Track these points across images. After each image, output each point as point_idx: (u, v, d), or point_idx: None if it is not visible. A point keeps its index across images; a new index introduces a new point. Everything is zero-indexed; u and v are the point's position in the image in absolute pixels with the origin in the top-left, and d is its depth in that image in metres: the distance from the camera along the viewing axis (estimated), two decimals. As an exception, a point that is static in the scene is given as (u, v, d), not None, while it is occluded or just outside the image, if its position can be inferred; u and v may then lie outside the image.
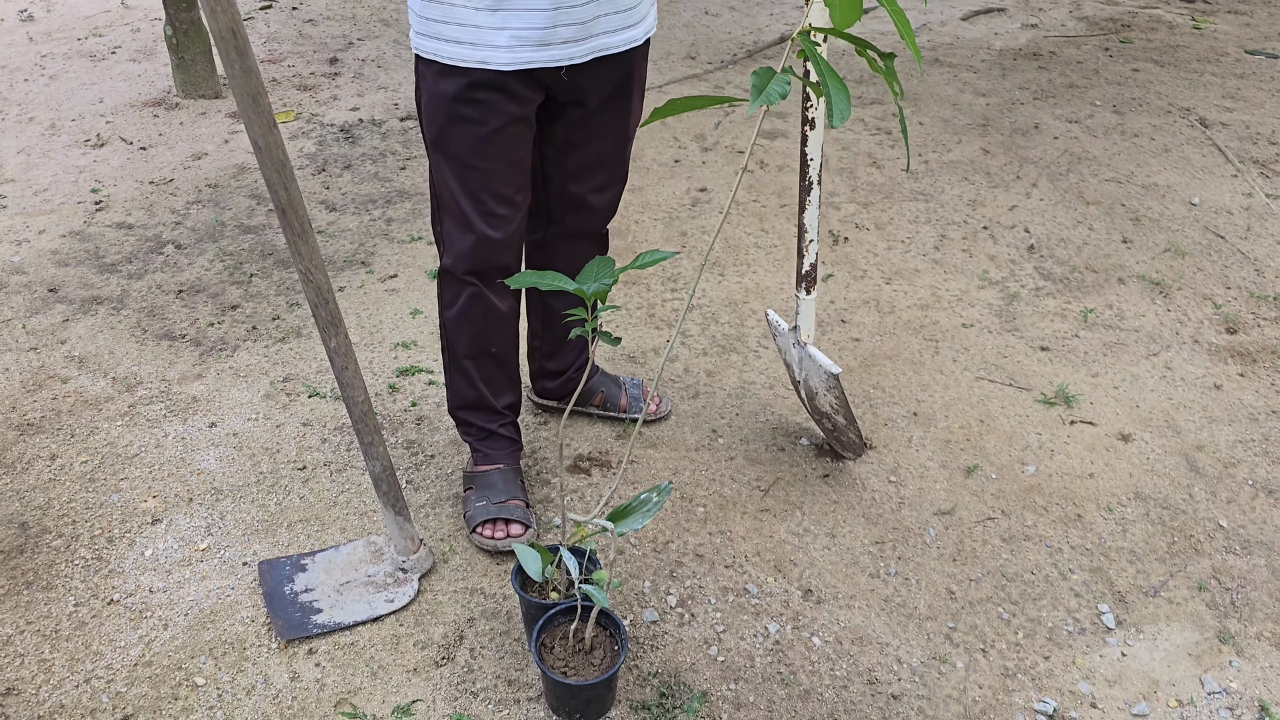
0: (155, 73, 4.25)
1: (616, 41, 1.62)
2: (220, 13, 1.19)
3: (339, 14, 4.90)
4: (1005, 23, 4.55)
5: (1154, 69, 4.03)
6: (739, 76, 4.03)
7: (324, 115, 3.81)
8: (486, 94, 1.57)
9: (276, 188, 1.33)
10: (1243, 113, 3.66)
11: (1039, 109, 3.72)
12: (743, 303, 2.64)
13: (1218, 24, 4.49)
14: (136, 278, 2.80)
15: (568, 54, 1.57)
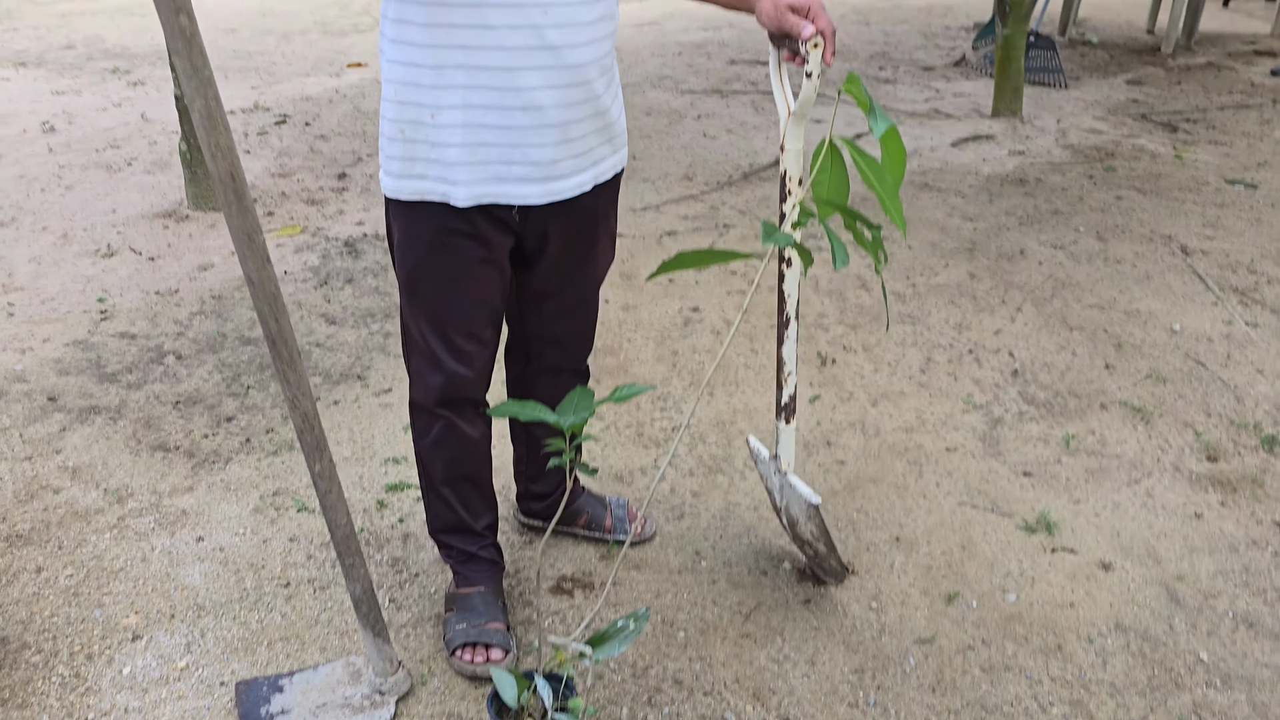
0: (168, 185, 4.38)
1: (570, 185, 1.65)
2: (221, 158, 1.26)
3: (350, 130, 5.07)
4: (994, 149, 4.70)
5: (1137, 197, 4.15)
6: (734, 198, 4.15)
7: (329, 229, 3.91)
8: (454, 239, 1.63)
9: (268, 319, 1.38)
10: (1223, 241, 3.75)
11: (1025, 234, 3.82)
12: (731, 423, 2.67)
13: (1199, 154, 4.63)
14: (136, 388, 2.85)
15: (523, 192, 1.61)
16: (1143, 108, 5.31)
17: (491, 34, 1.49)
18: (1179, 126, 5.00)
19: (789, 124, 1.65)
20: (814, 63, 1.56)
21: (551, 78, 1.54)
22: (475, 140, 1.56)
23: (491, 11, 1.48)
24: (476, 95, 1.53)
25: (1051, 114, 5.19)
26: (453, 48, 1.50)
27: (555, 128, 1.57)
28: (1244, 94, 5.54)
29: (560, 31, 1.52)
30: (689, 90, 5.60)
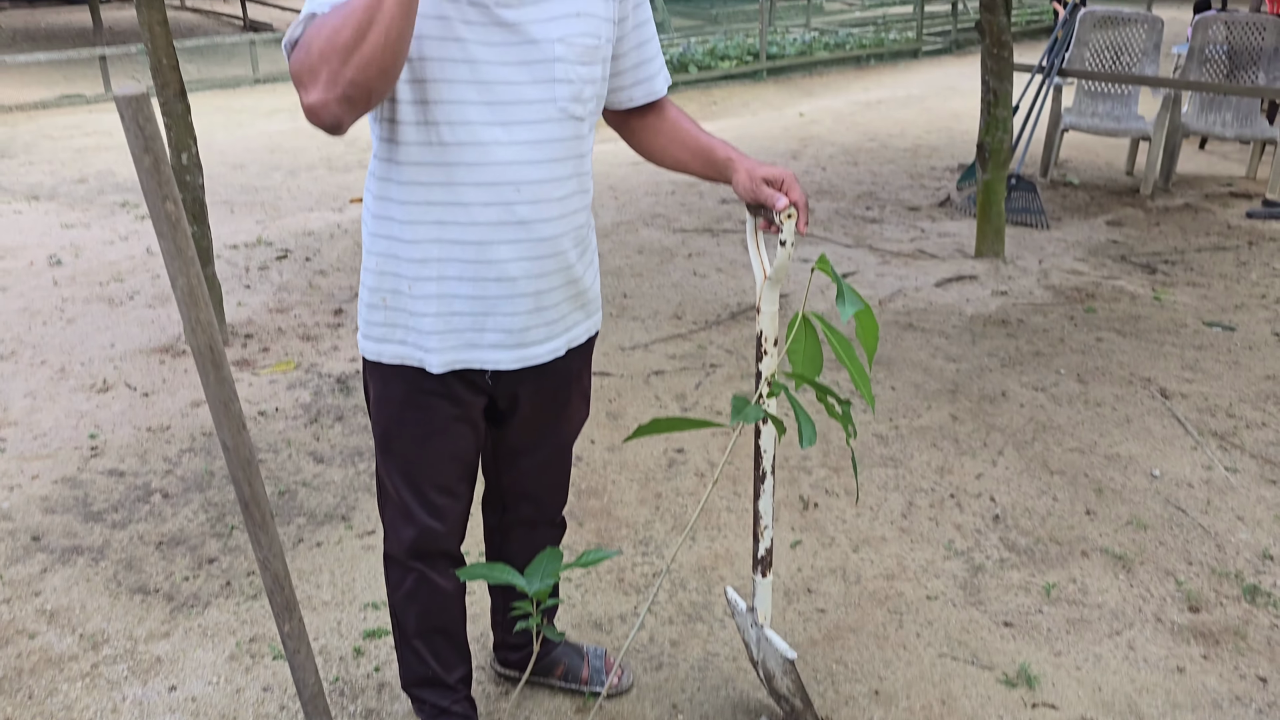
0: (168, 319, 4.47)
1: (542, 352, 1.71)
2: (200, 332, 1.31)
3: (349, 265, 5.20)
4: (976, 289, 4.81)
5: (1117, 339, 4.23)
6: (722, 337, 4.23)
7: (322, 365, 3.98)
8: (428, 398, 1.68)
9: (241, 483, 1.42)
10: (1202, 384, 3.81)
11: (1006, 376, 3.88)
12: (712, 569, 2.68)
13: (1177, 295, 4.73)
14: (120, 527, 2.86)
15: (494, 358, 1.66)
16: (1122, 249, 5.45)
17: (465, 210, 1.56)
18: (1158, 268, 5.12)
19: (764, 288, 1.72)
20: (788, 232, 1.63)
21: (523, 250, 1.61)
22: (448, 310, 1.62)
23: (466, 190, 1.56)
24: (450, 267, 1.59)
25: (1034, 254, 5.32)
26: (429, 223, 1.58)
27: (527, 297, 1.64)
28: (1221, 235, 5.69)
29: (531, 207, 1.59)
30: (681, 229, 5.76)
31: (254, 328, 4.36)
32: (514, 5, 1.51)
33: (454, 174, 1.54)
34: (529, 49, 1.52)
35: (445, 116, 1.51)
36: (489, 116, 1.52)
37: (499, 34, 1.50)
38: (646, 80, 1.76)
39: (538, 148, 1.57)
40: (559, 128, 1.58)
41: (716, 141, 1.74)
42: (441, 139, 1.52)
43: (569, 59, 1.56)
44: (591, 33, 1.58)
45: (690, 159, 1.77)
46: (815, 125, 8.97)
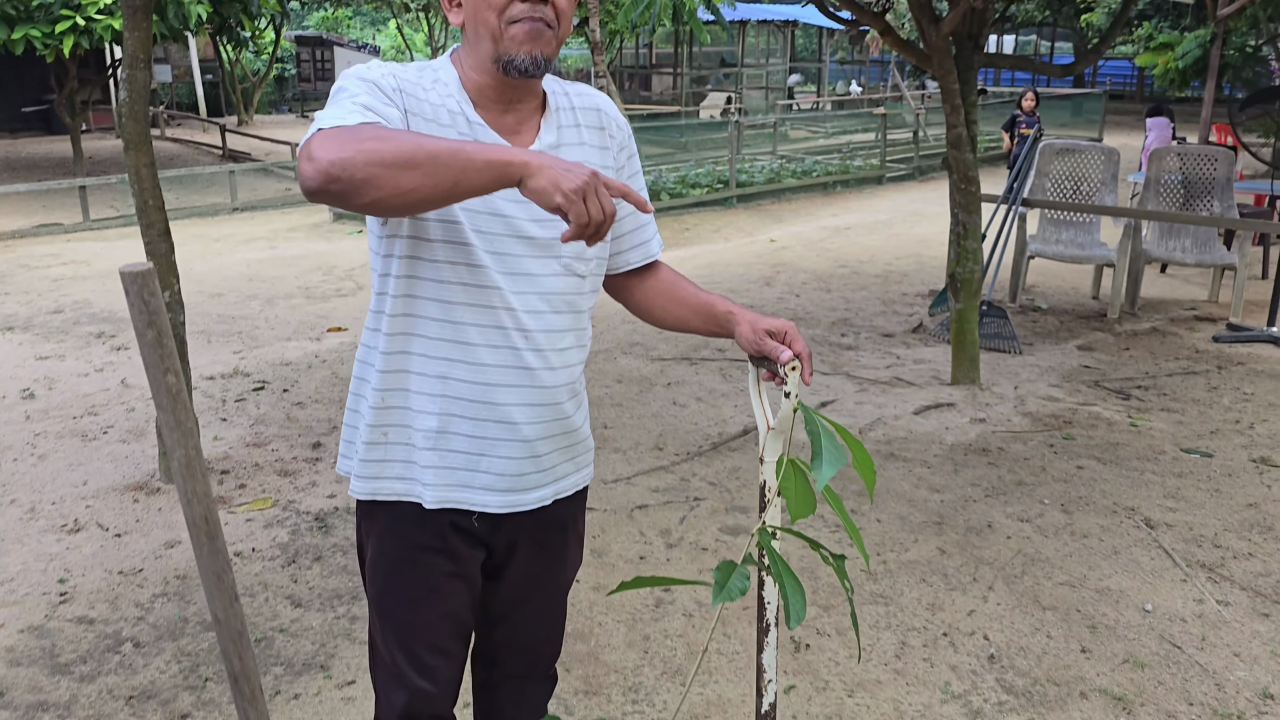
0: (142, 454, 4.40)
1: (530, 499, 1.70)
2: (196, 503, 1.28)
3: (327, 397, 5.16)
4: (955, 417, 4.84)
5: (1097, 466, 4.25)
6: (705, 469, 4.22)
7: (301, 502, 3.91)
8: (425, 555, 1.67)
9: (231, 656, 1.36)
10: (1185, 513, 3.82)
11: (991, 506, 3.88)
12: (704, 717, 2.60)
13: (1153, 421, 4.79)
14: (89, 680, 2.74)
15: (483, 500, 1.66)
16: (1095, 374, 5.53)
17: (471, 351, 1.60)
18: (1131, 394, 5.19)
19: (768, 438, 1.72)
20: (792, 384, 1.64)
21: (525, 396, 1.63)
22: (446, 446, 1.63)
23: (473, 331, 1.59)
24: (453, 405, 1.62)
25: (1009, 380, 5.39)
26: (437, 359, 1.61)
27: (524, 443, 1.65)
28: (1190, 360, 5.80)
29: (536, 355, 1.62)
30: (659, 357, 5.80)
31: (230, 463, 4.30)
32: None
33: (468, 314, 1.58)
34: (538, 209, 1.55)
35: (470, 259, 1.56)
36: (500, 266, 1.58)
37: (513, 192, 1.52)
38: (642, 244, 1.82)
39: (544, 299, 1.62)
40: (563, 283, 1.64)
41: (715, 297, 1.77)
42: (462, 279, 1.57)
43: None
44: None
45: (691, 316, 1.79)
46: (786, 251, 9.16)
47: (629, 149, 1.77)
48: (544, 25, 1.53)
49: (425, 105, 1.55)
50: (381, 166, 1.30)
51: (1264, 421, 4.79)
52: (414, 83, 1.56)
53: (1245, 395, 5.18)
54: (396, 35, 33.97)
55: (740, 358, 5.77)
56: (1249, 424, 4.76)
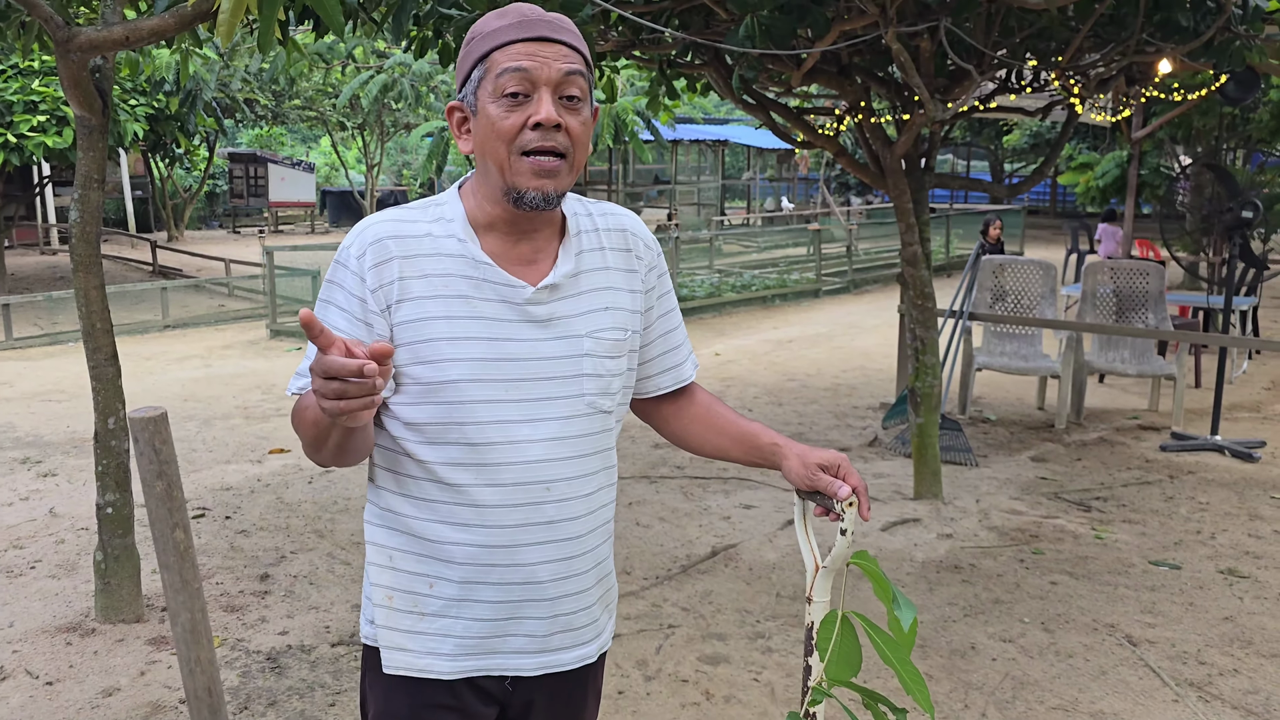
0: (74, 591, 4.11)
1: (571, 659, 1.59)
2: (200, 673, 1.14)
3: (273, 524, 4.92)
4: (922, 533, 4.79)
5: (1070, 581, 4.21)
6: (675, 593, 4.07)
7: (250, 640, 3.66)
8: (436, 713, 1.53)
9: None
10: (1165, 629, 3.77)
11: (971, 626, 3.79)
12: None
13: (1117, 533, 4.78)
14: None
15: (516, 665, 1.55)
16: (1053, 485, 5.54)
17: (492, 511, 1.48)
18: (1091, 505, 5.20)
19: (818, 578, 1.61)
20: (849, 520, 1.55)
21: (551, 551, 1.52)
22: (470, 615, 1.50)
23: (493, 490, 1.48)
24: (474, 571, 1.50)
25: (970, 494, 5.37)
26: (453, 524, 1.49)
27: (553, 601, 1.53)
28: (1142, 469, 5.86)
29: (558, 506, 1.51)
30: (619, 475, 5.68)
31: (171, 599, 4.02)
32: (544, 302, 1.50)
33: (481, 474, 1.47)
34: (560, 345, 1.51)
35: (474, 416, 1.46)
36: (517, 414, 1.48)
37: (531, 330, 1.49)
38: (674, 368, 1.72)
39: (566, 444, 1.51)
40: (587, 422, 1.54)
41: (758, 426, 1.68)
42: (469, 438, 1.46)
43: (598, 353, 1.53)
44: (620, 326, 1.57)
45: (731, 445, 1.69)
46: (733, 365, 9.18)
47: (659, 268, 1.67)
48: (556, 158, 1.45)
49: (420, 260, 1.47)
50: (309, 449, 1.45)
51: (1224, 531, 4.82)
52: (407, 236, 1.48)
53: (1201, 505, 5.22)
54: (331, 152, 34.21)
55: (700, 474, 5.67)
56: (1210, 534, 4.79)
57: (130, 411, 1.06)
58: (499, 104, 1.43)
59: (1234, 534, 4.79)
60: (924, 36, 4.26)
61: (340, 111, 23.48)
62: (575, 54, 1.46)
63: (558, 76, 1.43)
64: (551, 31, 1.45)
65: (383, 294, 1.45)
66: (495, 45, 1.44)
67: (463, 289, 1.47)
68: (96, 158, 3.47)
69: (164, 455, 1.04)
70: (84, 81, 3.35)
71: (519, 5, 1.48)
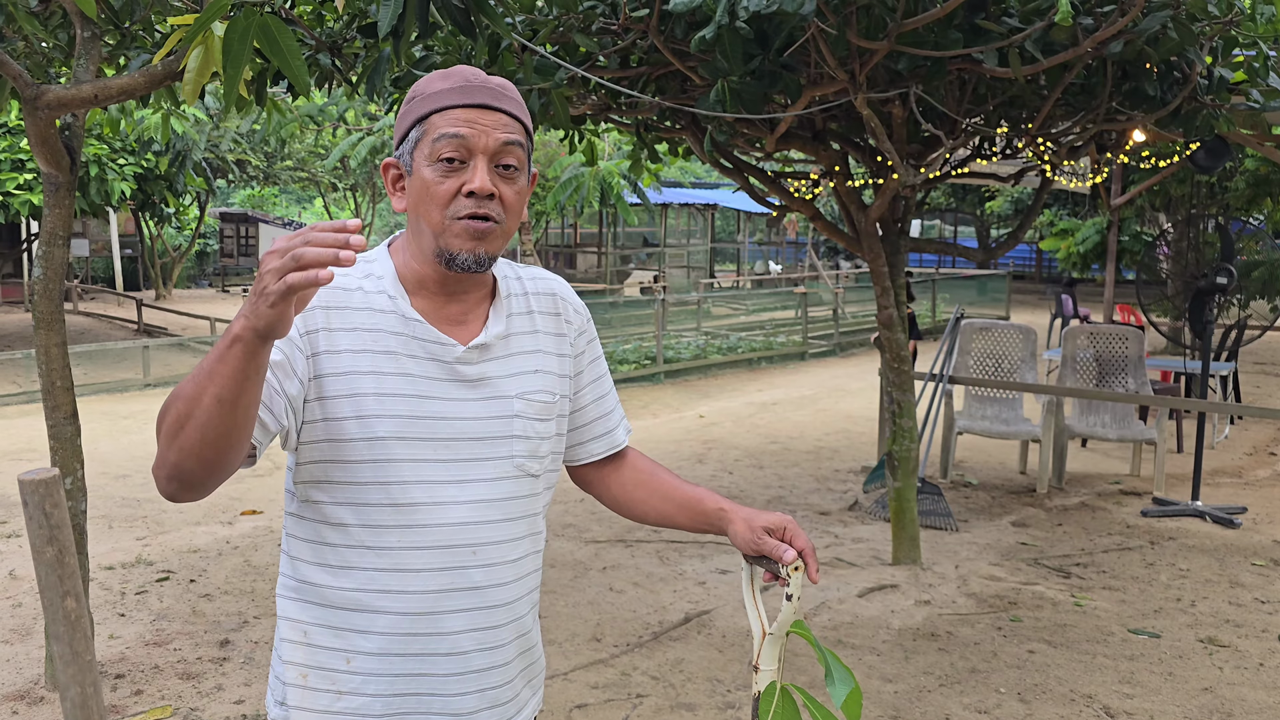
0: (26, 657, 4.00)
1: None
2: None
3: (238, 588, 4.82)
4: (899, 599, 4.71)
5: (1048, 650, 4.13)
6: (646, 661, 3.98)
7: (205, 710, 3.55)
8: None
9: None
10: (1143, 699, 3.69)
11: (946, 696, 3.70)
12: None
13: (1096, 600, 4.71)
14: None
15: None
16: (1033, 551, 5.48)
17: (415, 576, 1.43)
18: (1071, 571, 5.14)
19: (765, 644, 1.56)
20: (795, 585, 1.50)
21: (476, 619, 1.46)
22: (389, 690, 1.44)
23: (417, 554, 1.42)
24: (395, 642, 1.43)
25: (949, 559, 5.30)
26: (372, 591, 1.43)
27: (478, 673, 1.47)
28: (1123, 535, 5.80)
29: (485, 571, 1.46)
30: (593, 539, 5.60)
31: (126, 665, 3.92)
32: (474, 361, 1.48)
33: (405, 536, 1.42)
34: (489, 405, 1.48)
35: (399, 475, 1.41)
36: (444, 474, 1.44)
37: (460, 389, 1.46)
38: (607, 434, 1.69)
39: (493, 506, 1.47)
40: (515, 485, 1.50)
41: (703, 491, 1.64)
42: (393, 498, 1.41)
43: (528, 414, 1.51)
44: (548, 389, 1.55)
45: (676, 511, 1.64)
46: (716, 428, 9.13)
47: (588, 333, 1.66)
48: (491, 222, 1.43)
49: (349, 313, 1.44)
50: (168, 439, 1.23)
51: (1205, 599, 4.75)
52: (337, 288, 1.44)
53: (1182, 572, 5.16)
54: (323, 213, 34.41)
55: (678, 539, 5.59)
56: (1190, 601, 4.72)
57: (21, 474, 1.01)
58: (434, 168, 1.42)
59: (1214, 601, 4.72)
60: (895, 103, 4.30)
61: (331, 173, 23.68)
62: (515, 122, 1.45)
63: (495, 146, 1.42)
64: (492, 99, 1.43)
65: (311, 340, 1.42)
66: (435, 108, 1.43)
67: (391, 345, 1.44)
68: (63, 215, 3.45)
69: (55, 519, 0.99)
70: (51, 139, 3.34)
71: (463, 69, 1.47)
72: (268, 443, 1.38)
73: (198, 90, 2.85)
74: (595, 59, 4.22)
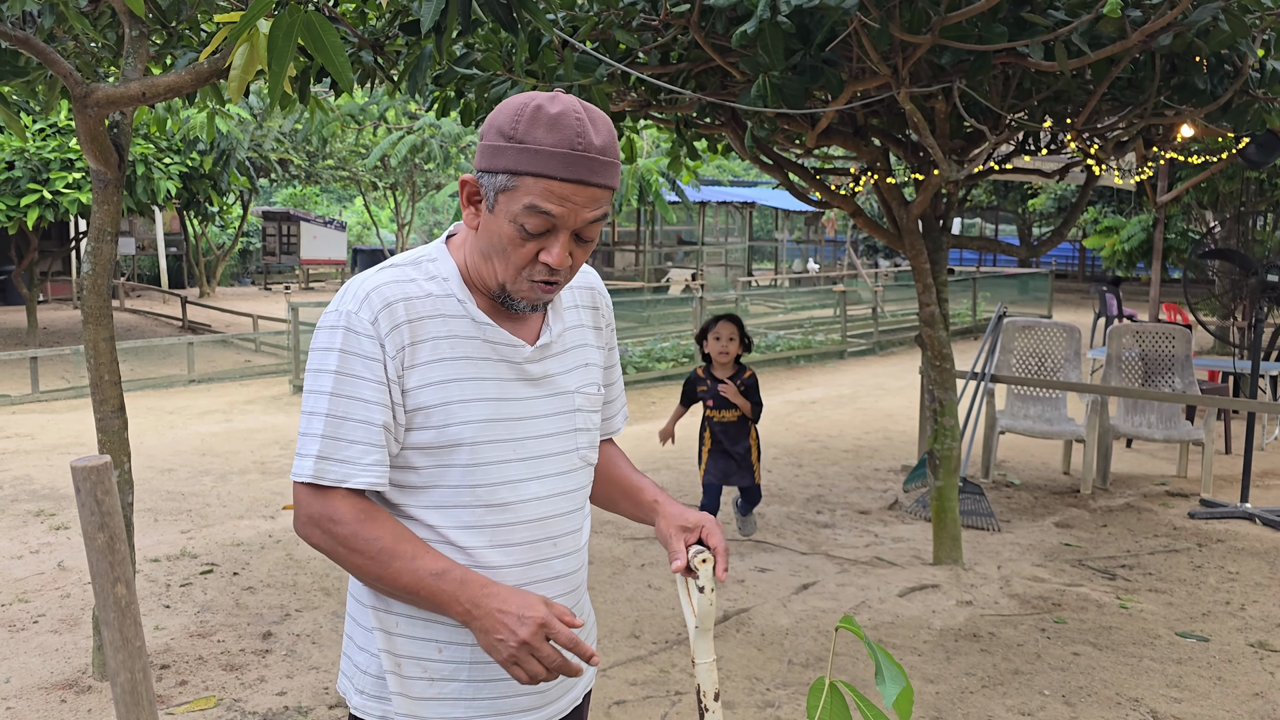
0: (74, 647, 4.06)
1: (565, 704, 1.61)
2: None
3: (280, 581, 4.87)
4: (941, 599, 4.66)
5: (1093, 653, 4.06)
6: (685, 659, 3.97)
7: (247, 701, 3.59)
8: None
9: None
10: (1191, 704, 3.62)
11: (989, 698, 3.66)
12: None
13: (1142, 603, 4.63)
14: None
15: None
16: (1077, 553, 5.40)
17: (501, 572, 1.49)
18: (1116, 573, 5.05)
19: (694, 637, 1.56)
20: (705, 577, 1.52)
21: (560, 599, 1.55)
22: (481, 676, 1.49)
23: (502, 551, 1.50)
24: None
25: (991, 560, 5.23)
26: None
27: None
28: (1169, 537, 5.70)
29: (565, 560, 1.56)
30: (631, 536, 5.60)
31: (171, 656, 3.97)
32: (538, 360, 1.53)
33: (494, 535, 1.48)
34: (556, 400, 1.54)
35: (487, 478, 1.47)
36: (525, 472, 1.50)
37: (527, 388, 1.51)
38: (609, 419, 1.75)
39: (566, 498, 1.55)
40: (582, 475, 1.59)
41: (646, 482, 1.70)
42: (482, 500, 1.47)
43: (586, 408, 1.58)
44: (596, 381, 1.62)
45: (620, 498, 1.72)
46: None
47: (612, 324, 1.73)
48: (557, 284, 1.46)
49: (426, 323, 1.45)
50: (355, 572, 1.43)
51: (1254, 602, 4.66)
52: (413, 298, 1.45)
53: (1231, 574, 5.06)
54: (363, 211, 34.74)
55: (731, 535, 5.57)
56: (1239, 605, 4.63)
57: (73, 460, 1.02)
58: (516, 228, 1.40)
59: (1265, 605, 4.62)
60: (938, 97, 4.25)
61: (371, 171, 23.87)
62: (606, 193, 1.41)
63: (581, 224, 1.40)
64: (590, 174, 1.37)
65: (399, 359, 1.43)
66: (533, 171, 1.36)
67: (467, 350, 1.47)
68: (111, 211, 3.50)
69: (106, 506, 1.00)
70: (100, 136, 3.39)
71: (572, 124, 1.37)
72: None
73: (243, 87, 2.87)
74: (635, 55, 4.21)
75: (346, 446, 1.40)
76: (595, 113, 1.40)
